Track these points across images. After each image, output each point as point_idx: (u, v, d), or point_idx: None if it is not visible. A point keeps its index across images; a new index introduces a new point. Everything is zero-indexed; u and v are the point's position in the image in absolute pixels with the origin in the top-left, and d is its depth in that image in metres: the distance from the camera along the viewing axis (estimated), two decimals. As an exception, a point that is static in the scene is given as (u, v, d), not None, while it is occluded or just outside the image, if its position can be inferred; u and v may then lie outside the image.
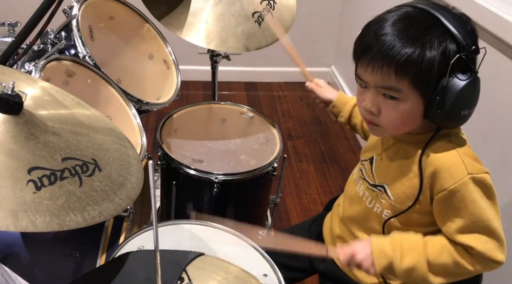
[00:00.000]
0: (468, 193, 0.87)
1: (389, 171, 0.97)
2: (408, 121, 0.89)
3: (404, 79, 0.83)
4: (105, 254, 1.09)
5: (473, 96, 0.85)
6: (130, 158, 0.82)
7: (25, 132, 0.69)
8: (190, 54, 2.54)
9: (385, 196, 0.97)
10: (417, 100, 0.86)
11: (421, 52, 0.81)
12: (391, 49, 0.82)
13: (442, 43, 0.81)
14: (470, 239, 0.89)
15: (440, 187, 0.89)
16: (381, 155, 1.00)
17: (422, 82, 0.83)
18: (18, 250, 1.08)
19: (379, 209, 0.99)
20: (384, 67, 0.83)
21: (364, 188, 1.03)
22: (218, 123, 1.59)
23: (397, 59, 0.82)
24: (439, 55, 0.81)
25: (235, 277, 0.85)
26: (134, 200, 0.75)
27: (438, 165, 0.89)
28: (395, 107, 0.87)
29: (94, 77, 1.26)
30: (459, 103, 0.83)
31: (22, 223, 0.59)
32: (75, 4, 1.32)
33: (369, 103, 0.89)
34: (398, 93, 0.85)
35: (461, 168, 0.88)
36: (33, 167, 0.65)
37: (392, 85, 0.85)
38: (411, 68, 0.82)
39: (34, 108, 0.75)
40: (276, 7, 1.46)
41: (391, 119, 0.89)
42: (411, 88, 0.84)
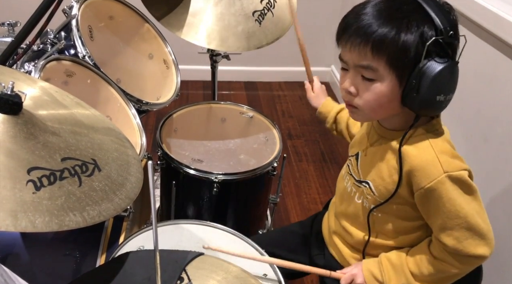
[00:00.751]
0: (445, 192, 0.88)
1: (371, 167, 0.98)
2: (385, 104, 0.89)
3: (380, 58, 0.84)
4: (105, 254, 1.09)
5: (450, 82, 0.85)
6: (130, 158, 0.82)
7: (25, 132, 0.69)
8: (190, 54, 2.54)
9: (370, 191, 0.98)
10: (393, 82, 0.86)
11: (397, 32, 0.82)
12: (368, 27, 0.84)
13: (420, 26, 0.82)
14: (447, 238, 0.90)
15: (417, 185, 0.90)
16: (366, 151, 1.01)
17: (398, 63, 0.84)
18: (18, 250, 1.08)
19: (367, 204, 1.00)
20: (361, 45, 0.85)
21: (351, 184, 1.04)
22: (218, 122, 1.59)
23: (373, 37, 0.83)
24: (416, 37, 0.82)
25: (235, 277, 0.85)
26: (133, 200, 0.75)
27: (414, 164, 0.89)
28: (372, 88, 0.88)
29: (93, 77, 1.26)
30: (434, 87, 0.83)
31: (22, 223, 0.59)
32: (74, 4, 1.32)
33: (347, 83, 0.91)
34: (375, 73, 0.86)
35: (437, 167, 0.88)
36: (32, 167, 0.65)
37: (369, 63, 0.85)
38: (387, 47, 0.83)
39: (34, 108, 0.75)
40: (276, 6, 1.46)
41: (368, 101, 0.89)
42: (388, 68, 0.85)
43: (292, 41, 1.29)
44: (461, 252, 0.90)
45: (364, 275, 1.00)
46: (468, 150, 1.47)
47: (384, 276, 0.98)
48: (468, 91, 1.46)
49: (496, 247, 0.98)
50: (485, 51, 1.42)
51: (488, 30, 1.37)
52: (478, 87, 1.44)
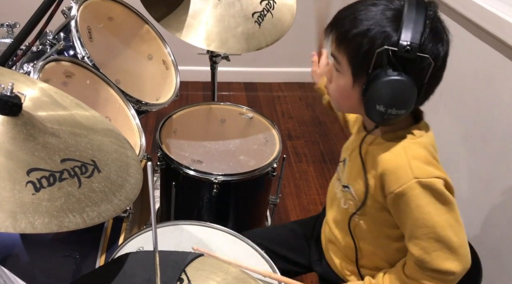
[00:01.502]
0: (414, 198, 0.85)
1: (352, 171, 0.99)
2: (344, 97, 0.93)
3: (343, 53, 0.87)
4: (104, 255, 1.09)
5: (394, 96, 0.83)
6: (129, 159, 0.82)
7: (24, 133, 0.69)
8: (189, 55, 2.53)
9: (351, 196, 0.98)
10: (349, 78, 0.88)
11: (362, 32, 0.84)
12: (342, 20, 0.87)
13: (385, 34, 0.82)
14: (417, 248, 0.87)
15: (388, 189, 0.88)
16: (350, 156, 1.02)
17: (353, 61, 0.86)
18: (18, 251, 1.08)
19: (350, 209, 1.00)
20: (331, 33, 0.89)
21: (339, 190, 1.04)
22: (218, 123, 1.59)
23: (342, 30, 0.87)
24: (375, 43, 0.83)
25: (235, 278, 0.85)
26: (133, 201, 0.75)
27: (386, 167, 0.88)
28: (337, 79, 0.92)
29: (93, 78, 1.26)
30: (375, 95, 0.83)
31: (21, 225, 0.59)
32: (73, 5, 1.32)
33: (326, 68, 0.97)
34: (340, 66, 0.90)
35: (407, 172, 0.85)
36: (32, 169, 0.65)
37: (336, 55, 0.89)
38: (346, 43, 0.86)
39: (33, 109, 0.75)
40: (276, 7, 1.46)
41: (333, 90, 0.94)
42: (348, 64, 0.88)
43: (291, 41, 1.28)
44: (428, 264, 0.86)
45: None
46: (468, 150, 1.47)
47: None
48: (467, 91, 1.46)
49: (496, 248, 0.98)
50: (484, 52, 1.42)
51: (487, 30, 1.38)
52: (477, 87, 1.44)
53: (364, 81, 0.86)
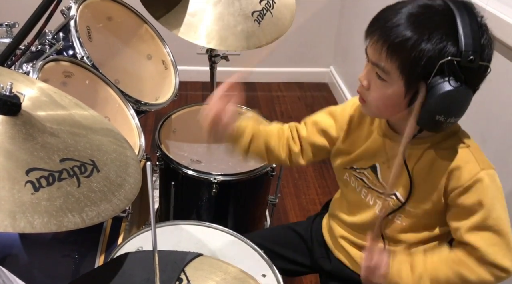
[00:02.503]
0: (483, 188, 0.87)
1: (400, 179, 0.96)
2: (390, 107, 0.89)
3: (393, 62, 0.83)
4: (103, 254, 1.09)
5: (454, 106, 0.83)
6: (128, 159, 0.81)
7: (23, 133, 0.69)
8: (189, 55, 2.54)
9: (397, 202, 0.96)
10: (401, 88, 0.85)
11: (417, 41, 0.80)
12: (392, 28, 0.82)
13: (443, 41, 0.80)
14: (477, 238, 0.87)
15: (456, 184, 0.89)
16: (387, 164, 0.98)
17: (409, 71, 0.82)
18: (17, 251, 1.08)
19: (392, 215, 0.98)
20: (379, 42, 0.84)
21: (373, 196, 1.01)
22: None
23: (392, 38, 0.81)
24: (435, 51, 0.80)
25: (234, 277, 0.85)
26: (132, 201, 0.75)
27: (455, 163, 0.89)
28: (381, 88, 0.87)
29: (92, 78, 1.26)
30: (436, 106, 0.81)
31: (20, 224, 0.59)
32: (73, 5, 1.32)
33: (363, 76, 0.90)
34: (386, 75, 0.85)
35: (474, 164, 0.88)
36: (31, 168, 0.65)
37: (382, 64, 0.85)
38: (402, 52, 0.81)
39: (32, 109, 0.75)
40: (276, 7, 1.46)
41: (375, 99, 0.90)
42: (398, 73, 0.83)
43: (291, 42, 1.29)
44: (489, 258, 0.86)
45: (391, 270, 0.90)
46: (467, 150, 1.47)
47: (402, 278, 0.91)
48: (466, 91, 1.46)
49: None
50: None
51: (486, 30, 1.37)
52: (476, 87, 1.44)
53: (417, 90, 0.83)
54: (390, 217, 0.98)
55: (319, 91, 2.95)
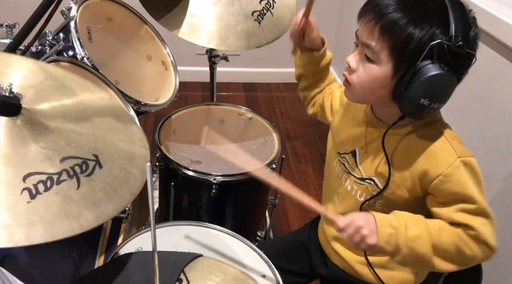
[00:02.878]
0: (460, 176, 0.88)
1: (376, 164, 0.98)
2: (375, 90, 0.89)
3: (385, 41, 0.84)
4: (103, 255, 1.09)
5: (439, 90, 0.83)
6: (136, 148, 0.79)
7: (23, 134, 0.68)
8: (189, 55, 2.54)
9: (376, 188, 0.98)
10: (389, 70, 0.85)
11: (408, 22, 0.81)
12: (384, 8, 0.84)
13: (434, 26, 0.81)
14: (471, 219, 0.87)
15: (434, 173, 0.89)
16: (365, 148, 1.00)
17: (399, 53, 0.83)
18: (16, 251, 1.08)
19: (371, 201, 0.99)
20: (371, 22, 0.85)
21: (351, 182, 1.03)
22: (217, 124, 1.59)
23: (384, 19, 0.83)
24: (425, 35, 0.81)
25: (233, 278, 0.85)
26: (136, 195, 0.73)
27: (429, 152, 0.90)
28: (369, 69, 0.88)
29: (92, 79, 1.26)
30: (421, 88, 0.82)
31: (16, 237, 0.58)
32: (73, 5, 1.32)
33: (351, 57, 0.91)
34: (376, 55, 0.86)
35: (451, 152, 0.88)
36: (28, 174, 0.64)
37: (373, 43, 0.85)
38: (394, 33, 0.82)
39: (35, 100, 0.73)
40: (276, 6, 1.46)
41: (361, 80, 0.90)
42: (388, 54, 0.84)
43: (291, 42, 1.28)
44: (481, 236, 0.87)
45: (375, 219, 0.86)
46: (467, 151, 1.47)
47: (400, 223, 0.87)
48: (466, 92, 1.46)
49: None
50: (483, 53, 1.42)
51: (486, 31, 1.38)
52: (476, 88, 1.45)
53: (405, 73, 0.83)
54: (370, 203, 0.99)
55: (319, 92, 2.95)
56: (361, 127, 1.02)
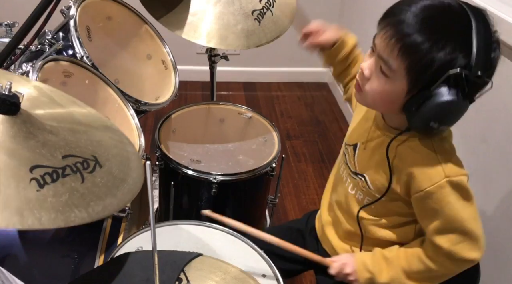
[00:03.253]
0: (443, 196, 0.88)
1: (370, 162, 0.99)
2: (387, 102, 0.89)
3: (403, 61, 0.82)
4: (103, 255, 1.09)
5: (450, 116, 0.83)
6: (129, 154, 0.81)
7: (24, 131, 0.68)
8: (188, 55, 2.54)
9: (365, 185, 1.00)
10: (403, 87, 0.85)
11: (431, 47, 0.79)
12: (408, 27, 0.80)
13: (456, 51, 0.79)
14: (442, 240, 0.91)
15: (417, 187, 0.90)
16: (365, 144, 1.01)
17: (416, 74, 0.82)
18: (16, 251, 1.07)
19: (360, 196, 1.02)
20: (392, 39, 0.82)
21: (346, 173, 1.05)
22: (217, 123, 1.58)
23: (407, 39, 0.80)
24: (446, 60, 0.79)
25: (234, 277, 0.85)
26: (136, 194, 0.75)
27: (416, 165, 0.90)
28: (383, 82, 0.87)
29: (92, 78, 1.26)
30: (433, 112, 0.82)
31: (28, 221, 0.59)
32: (72, 4, 1.32)
33: (366, 65, 0.89)
34: (392, 72, 0.84)
35: (439, 171, 0.88)
36: (34, 166, 0.65)
37: (390, 62, 0.83)
38: (414, 54, 0.80)
39: (31, 108, 0.75)
40: (276, 5, 1.46)
41: (373, 92, 0.89)
42: (405, 74, 0.83)
43: (290, 41, 1.28)
44: (455, 255, 0.91)
45: (355, 265, 1.00)
46: (467, 150, 1.47)
47: (375, 267, 0.98)
48: (466, 91, 1.46)
49: (494, 247, 0.99)
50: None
51: (486, 30, 1.37)
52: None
53: (418, 93, 0.83)
54: (360, 198, 1.02)
55: (319, 91, 2.95)
56: (367, 123, 1.02)
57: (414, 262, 0.95)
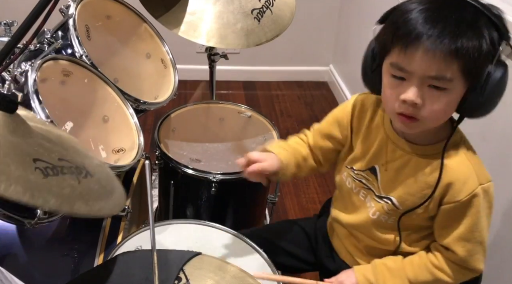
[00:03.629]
0: (477, 203, 0.89)
1: (396, 183, 0.95)
2: (448, 112, 0.87)
3: (460, 68, 0.80)
4: (103, 253, 1.09)
5: (506, 83, 0.84)
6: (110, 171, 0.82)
7: (22, 130, 0.69)
8: (188, 53, 2.54)
9: (393, 207, 0.96)
10: (461, 89, 0.83)
11: (475, 41, 0.78)
12: (452, 37, 0.78)
13: (490, 32, 0.80)
14: (460, 249, 0.91)
15: (452, 198, 0.89)
16: (386, 166, 0.97)
17: (472, 71, 0.80)
18: (15, 250, 1.07)
19: (385, 218, 0.99)
20: (445, 55, 0.78)
21: (370, 199, 1.01)
22: (216, 122, 1.58)
23: (454, 47, 0.78)
24: (488, 43, 0.79)
25: (233, 276, 0.84)
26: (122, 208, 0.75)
27: (454, 177, 0.89)
28: (441, 97, 0.82)
29: (91, 77, 1.26)
30: (498, 90, 0.82)
31: (39, 200, 0.60)
32: (71, 3, 1.32)
33: (413, 95, 0.82)
34: (448, 83, 0.81)
35: (474, 180, 0.88)
36: (36, 158, 0.65)
37: (444, 74, 0.80)
38: (466, 56, 0.78)
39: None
40: (275, 4, 1.46)
41: (435, 111, 0.84)
42: (462, 77, 0.81)
43: (290, 40, 1.28)
44: (468, 264, 0.91)
45: (357, 280, 0.98)
46: (467, 149, 1.47)
47: (378, 279, 0.97)
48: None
49: (494, 247, 0.99)
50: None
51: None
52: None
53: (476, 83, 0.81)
54: (383, 219, 0.99)
55: (319, 90, 2.95)
56: (380, 143, 0.98)
57: (421, 273, 0.94)
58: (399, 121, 0.87)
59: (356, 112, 1.03)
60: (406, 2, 0.85)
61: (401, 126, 0.89)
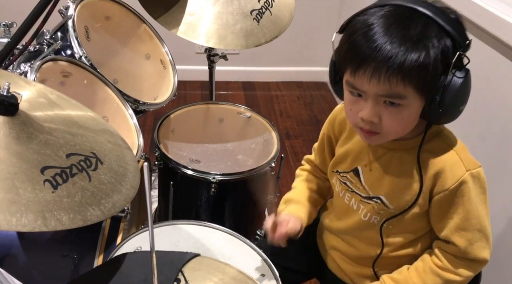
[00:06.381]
0: (467, 190, 0.88)
1: (383, 182, 0.95)
2: (408, 125, 0.87)
3: (411, 85, 0.80)
4: (102, 255, 1.09)
5: (469, 90, 0.85)
6: (122, 148, 0.83)
7: (25, 132, 0.69)
8: (187, 54, 2.54)
9: (383, 206, 0.96)
10: (418, 103, 0.83)
11: (426, 56, 0.78)
12: (396, 57, 0.78)
13: (440, 41, 0.79)
14: (460, 240, 0.90)
15: (441, 187, 0.89)
16: (369, 166, 0.97)
17: (426, 85, 0.81)
18: (15, 251, 1.08)
19: (376, 219, 0.97)
20: (390, 76, 0.79)
21: (356, 201, 1.00)
22: (216, 123, 1.58)
23: (404, 66, 0.78)
24: (439, 55, 0.79)
25: (232, 278, 0.84)
26: (137, 188, 0.77)
27: (440, 166, 0.88)
28: (397, 113, 0.83)
29: (90, 78, 1.26)
30: (458, 99, 0.82)
31: (52, 223, 0.61)
32: (71, 4, 1.32)
33: (369, 113, 0.84)
34: (403, 99, 0.82)
35: (460, 166, 0.88)
36: (44, 167, 0.66)
37: (398, 92, 0.80)
38: (419, 73, 0.79)
39: (29, 109, 0.75)
40: (275, 5, 1.46)
41: (394, 126, 0.85)
42: (415, 92, 0.81)
43: (290, 41, 1.29)
44: (470, 255, 0.90)
45: None
46: (466, 149, 1.47)
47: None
48: (465, 90, 1.46)
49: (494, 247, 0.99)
50: (482, 51, 1.42)
51: (485, 29, 1.37)
52: (475, 86, 1.44)
53: (434, 94, 0.81)
54: (376, 222, 0.98)
55: (318, 90, 2.95)
56: (360, 144, 0.98)
57: (428, 277, 0.93)
58: (361, 134, 0.90)
59: (336, 123, 1.04)
60: (362, 14, 0.88)
61: (364, 139, 0.91)
